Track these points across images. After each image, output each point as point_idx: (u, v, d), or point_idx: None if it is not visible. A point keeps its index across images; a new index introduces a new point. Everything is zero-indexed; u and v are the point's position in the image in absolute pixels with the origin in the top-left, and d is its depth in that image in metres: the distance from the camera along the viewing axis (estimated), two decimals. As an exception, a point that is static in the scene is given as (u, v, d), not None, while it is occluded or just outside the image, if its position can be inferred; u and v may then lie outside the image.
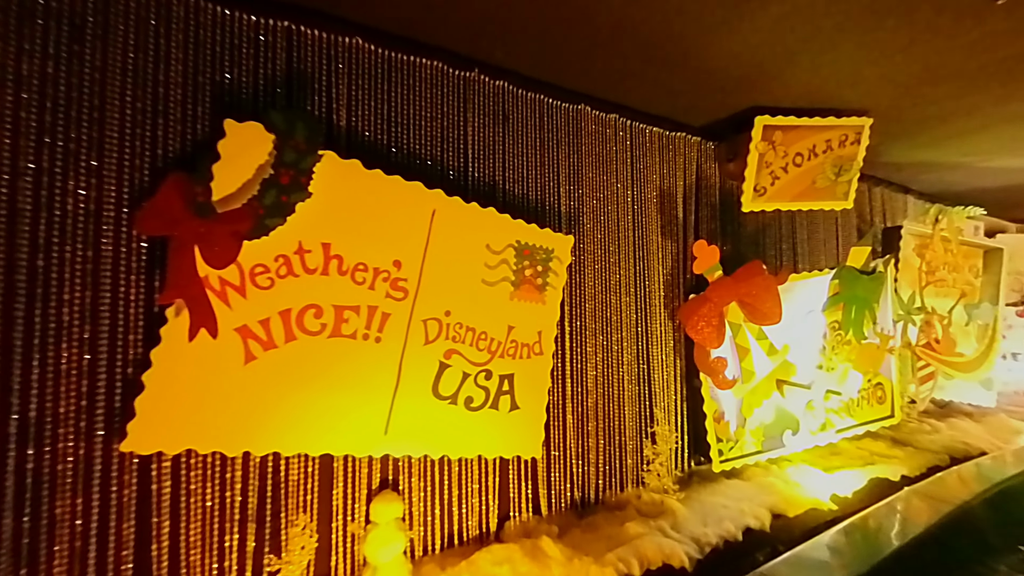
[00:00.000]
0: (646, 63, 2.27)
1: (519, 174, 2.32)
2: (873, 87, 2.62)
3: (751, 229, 3.35)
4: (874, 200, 4.35)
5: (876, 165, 4.01)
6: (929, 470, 3.05)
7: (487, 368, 2.12)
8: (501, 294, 2.16)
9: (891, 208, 4.54)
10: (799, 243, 3.61)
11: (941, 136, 3.38)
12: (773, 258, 3.44)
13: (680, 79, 2.44)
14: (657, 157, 2.85)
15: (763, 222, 3.41)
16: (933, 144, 3.53)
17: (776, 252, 3.47)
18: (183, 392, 1.55)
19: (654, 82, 2.47)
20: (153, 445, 1.50)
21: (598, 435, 2.49)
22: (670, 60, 2.25)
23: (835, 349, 3.00)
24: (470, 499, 2.11)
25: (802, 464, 2.95)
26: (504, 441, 2.15)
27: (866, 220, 4.27)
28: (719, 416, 2.90)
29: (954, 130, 3.19)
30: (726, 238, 3.20)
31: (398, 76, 2.00)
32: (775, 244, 3.48)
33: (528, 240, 2.23)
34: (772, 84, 2.54)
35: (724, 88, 2.59)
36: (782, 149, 2.81)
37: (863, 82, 2.56)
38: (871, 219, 4.30)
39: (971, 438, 3.52)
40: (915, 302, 3.84)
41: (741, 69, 2.38)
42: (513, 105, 2.31)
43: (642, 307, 2.74)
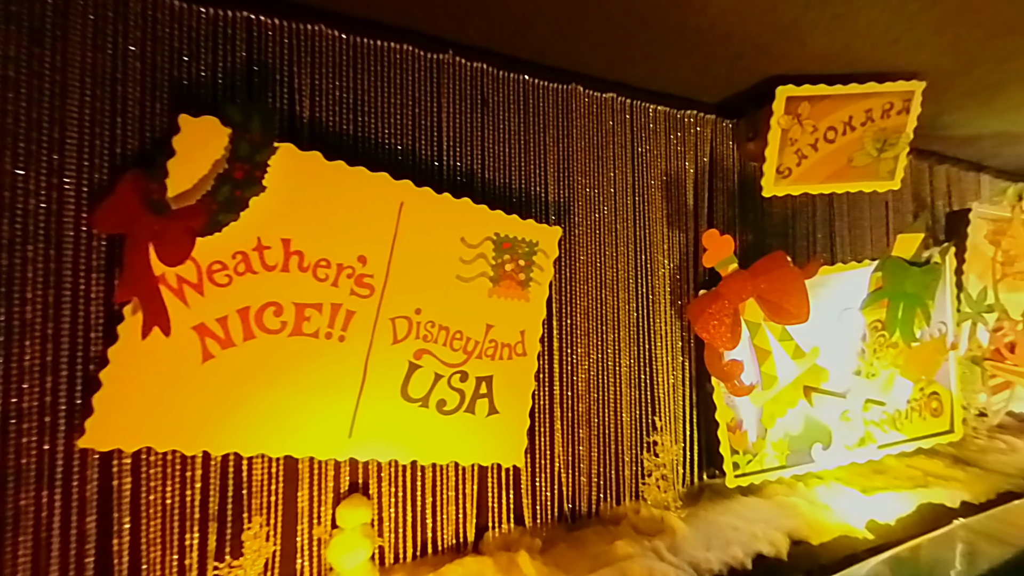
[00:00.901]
0: (645, 31, 2.03)
1: (501, 162, 2.16)
2: (926, 42, 2.21)
3: (778, 217, 2.99)
4: (937, 180, 3.77)
5: (938, 139, 3.46)
6: (999, 496, 2.59)
7: (462, 370, 1.99)
8: (478, 291, 2.03)
9: (960, 189, 3.92)
10: (838, 232, 3.19)
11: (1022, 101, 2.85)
12: (805, 249, 3.06)
13: (687, 48, 2.17)
14: (663, 138, 2.59)
15: (793, 208, 3.04)
16: (1012, 110, 2.99)
17: (809, 242, 3.07)
18: (140, 390, 1.55)
19: (656, 54, 2.22)
20: (110, 442, 1.52)
21: (591, 443, 2.30)
22: (673, 26, 1.99)
23: (877, 353, 2.60)
24: (446, 507, 2.00)
25: (835, 483, 2.59)
26: (481, 447, 2.02)
27: (925, 204, 3.72)
28: (735, 425, 2.61)
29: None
30: (747, 227, 2.87)
31: (365, 63, 1.91)
32: (808, 234, 3.09)
33: (508, 232, 2.08)
34: (796, 46, 2.20)
35: (740, 55, 2.28)
36: (810, 123, 2.46)
37: (912, 37, 2.17)
38: (932, 202, 3.74)
39: (1057, 460, 2.97)
40: (986, 298, 3.29)
41: (759, 29, 2.06)
42: (493, 88, 2.15)
43: (644, 304, 2.50)
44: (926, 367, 2.67)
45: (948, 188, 3.87)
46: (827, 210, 3.19)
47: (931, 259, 2.63)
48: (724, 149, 2.79)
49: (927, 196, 3.71)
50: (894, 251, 2.56)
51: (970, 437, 3.17)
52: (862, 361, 2.60)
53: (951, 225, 3.61)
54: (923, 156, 3.69)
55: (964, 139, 3.53)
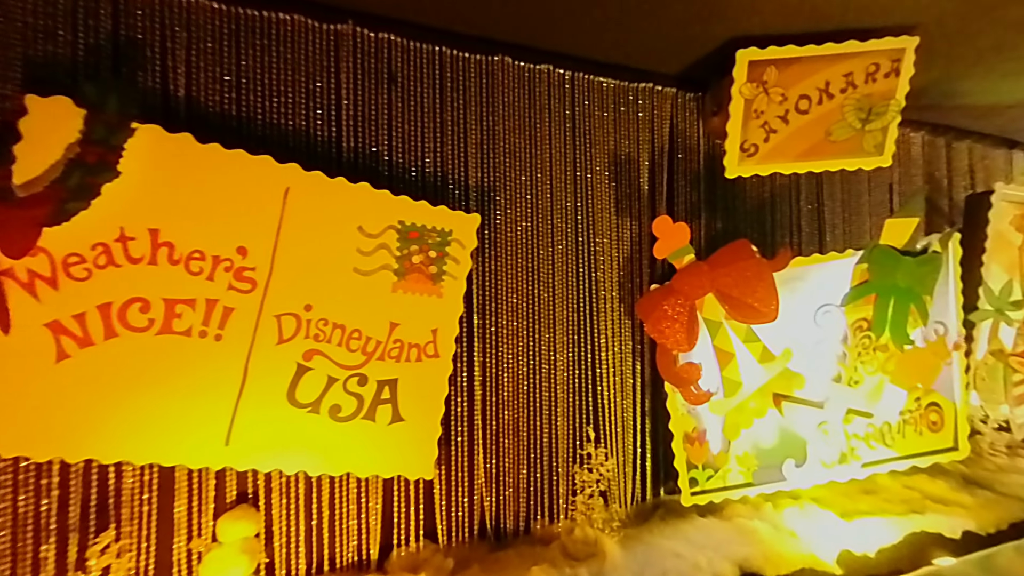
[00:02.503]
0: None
1: (412, 144, 1.96)
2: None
3: (753, 202, 2.65)
4: (956, 158, 3.30)
5: (954, 110, 3.01)
6: (1012, 527, 2.20)
7: (361, 372, 1.81)
8: (380, 285, 1.84)
9: (986, 169, 3.43)
10: (828, 219, 2.82)
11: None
12: (787, 241, 2.71)
13: (632, 9, 1.89)
14: (611, 114, 2.32)
15: (772, 192, 2.70)
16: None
17: (791, 232, 2.72)
18: (-16, 391, 1.45)
19: (598, 18, 1.95)
20: (-49, 447, 1.43)
21: (519, 455, 2.08)
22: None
23: (861, 356, 2.25)
24: (346, 521, 1.83)
25: (811, 505, 2.27)
26: (382, 458, 1.84)
27: (940, 187, 3.26)
28: (696, 436, 2.32)
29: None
30: (715, 214, 2.56)
31: (249, 36, 1.75)
32: (791, 222, 2.74)
33: (415, 220, 1.87)
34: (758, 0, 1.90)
35: (694, 14, 1.98)
36: (778, 92, 2.13)
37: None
38: (949, 184, 3.28)
39: (1094, 484, 2.52)
40: (1011, 293, 2.84)
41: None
42: (403, 61, 1.95)
43: (586, 301, 2.25)
44: (922, 373, 2.29)
45: (971, 168, 3.38)
46: (815, 193, 2.81)
47: (929, 248, 2.25)
48: (687, 126, 2.48)
49: (943, 177, 3.26)
50: (883, 238, 2.20)
51: (987, 454, 2.75)
52: (843, 366, 2.25)
53: (971, 210, 3.12)
54: (938, 131, 3.23)
55: (987, 109, 3.05)
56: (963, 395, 2.35)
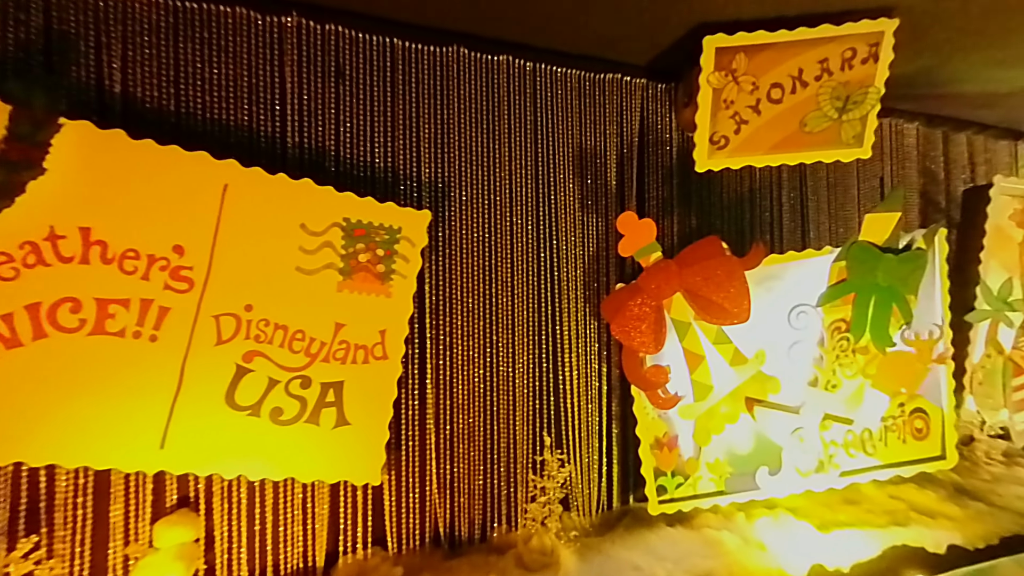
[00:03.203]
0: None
1: (361, 138, 1.89)
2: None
3: (731, 198, 2.54)
4: (954, 151, 3.14)
5: (949, 99, 2.85)
6: (1002, 542, 2.06)
7: (304, 374, 1.76)
8: (325, 285, 1.78)
9: (987, 160, 3.26)
10: (813, 215, 2.69)
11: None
12: (767, 237, 2.59)
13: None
14: (576, 107, 2.23)
15: (752, 186, 2.58)
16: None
17: (771, 228, 2.61)
18: (-92, 393, 1.43)
19: (562, 5, 1.85)
20: None
21: (472, 461, 2.00)
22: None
23: (839, 359, 2.12)
24: (291, 527, 1.79)
25: (786, 515, 2.15)
26: (326, 463, 1.78)
27: (936, 180, 3.10)
28: (664, 442, 2.23)
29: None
30: (689, 211, 2.46)
31: (188, 30, 1.70)
32: (772, 218, 2.62)
33: (361, 217, 1.81)
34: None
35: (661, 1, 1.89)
36: (749, 80, 2.02)
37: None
38: (946, 177, 3.12)
39: (1098, 496, 2.36)
40: (1011, 292, 2.68)
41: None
42: (351, 53, 1.88)
43: (548, 301, 2.16)
44: (906, 378, 2.15)
45: (971, 160, 3.22)
46: (798, 188, 2.70)
47: (912, 244, 2.12)
48: (658, 119, 2.38)
49: (939, 170, 3.10)
50: (862, 234, 2.07)
51: (983, 463, 2.60)
52: (819, 370, 2.13)
53: (969, 204, 2.97)
54: (934, 122, 3.07)
55: (986, 97, 2.89)
56: (950, 400, 2.21)
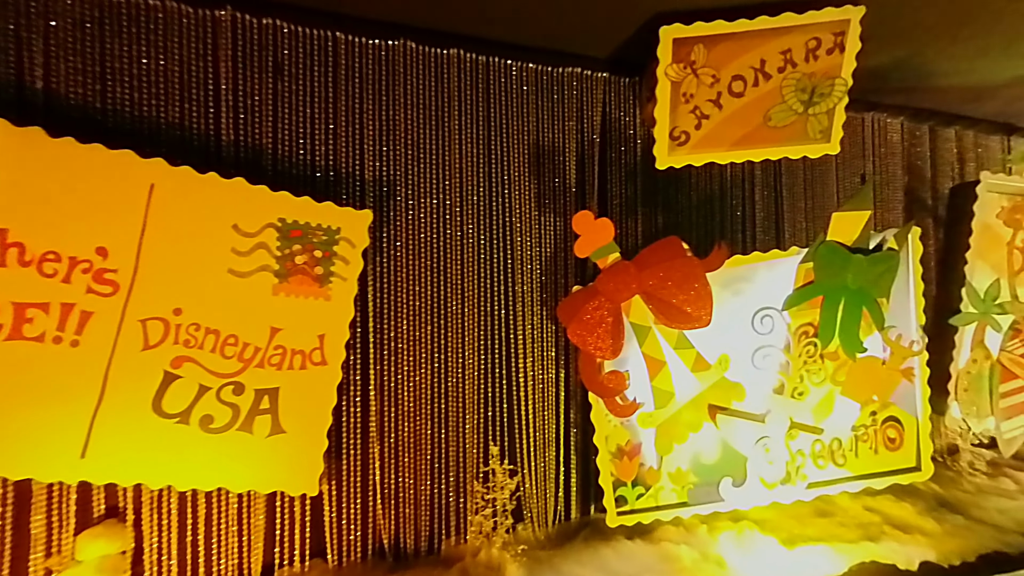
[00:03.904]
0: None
1: (300, 136, 1.83)
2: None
3: (700, 196, 2.44)
4: (942, 146, 3.01)
5: (934, 92, 2.72)
6: (980, 559, 1.95)
7: (237, 381, 1.69)
8: (260, 288, 1.72)
9: (978, 157, 3.11)
10: (787, 214, 2.58)
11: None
12: (740, 238, 2.48)
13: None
14: (533, 102, 2.14)
15: (722, 184, 2.47)
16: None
17: (743, 228, 2.50)
18: None
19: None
20: None
21: (419, 470, 1.93)
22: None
23: (807, 366, 2.02)
24: (227, 538, 1.73)
25: (752, 528, 2.05)
26: (260, 472, 1.71)
27: (923, 177, 2.97)
28: (627, 451, 2.14)
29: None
30: (655, 210, 2.36)
31: (115, 24, 1.64)
32: (744, 216, 2.51)
33: (298, 218, 1.75)
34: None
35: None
36: (708, 73, 1.92)
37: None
38: (933, 174, 2.98)
39: (1087, 511, 2.23)
40: (998, 294, 2.55)
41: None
42: (291, 48, 1.82)
43: (502, 304, 2.08)
44: (878, 385, 2.04)
45: (960, 156, 3.08)
46: (773, 186, 2.59)
47: (884, 244, 2.00)
48: (622, 114, 2.29)
49: (926, 166, 2.97)
50: (829, 233, 1.97)
51: (966, 474, 2.48)
52: (785, 376, 2.03)
53: (955, 202, 2.86)
54: (920, 116, 2.94)
55: (975, 90, 2.76)
56: (925, 409, 2.10)
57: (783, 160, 2.39)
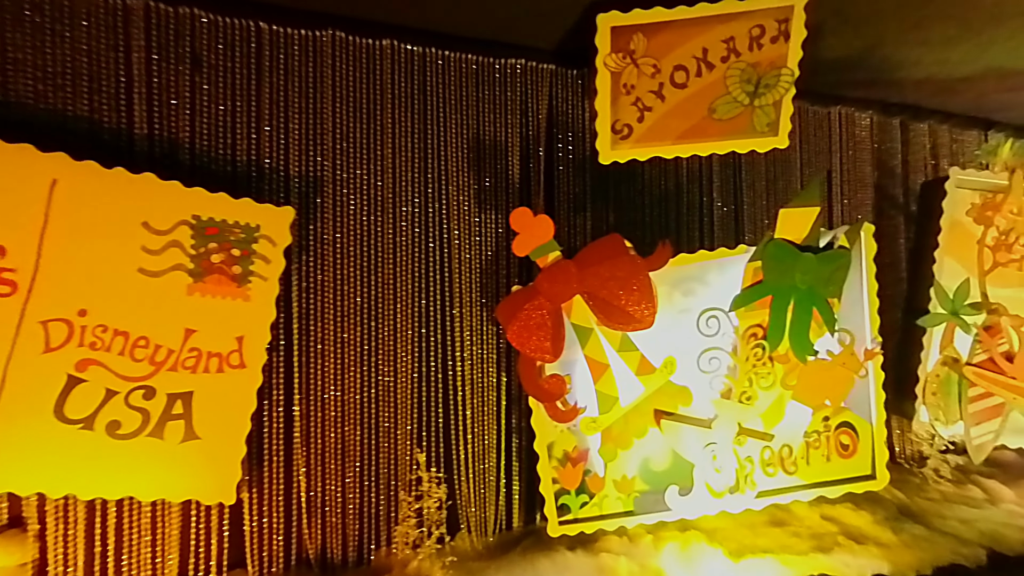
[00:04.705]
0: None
1: (219, 130, 1.75)
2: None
3: (654, 192, 2.35)
4: (914, 141, 2.90)
5: (901, 84, 2.62)
6: (936, 572, 1.85)
7: (147, 384, 1.62)
8: (173, 288, 1.65)
9: (953, 152, 3.00)
10: (747, 211, 2.49)
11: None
12: (697, 236, 2.39)
13: None
14: (473, 95, 2.07)
15: (678, 179, 2.38)
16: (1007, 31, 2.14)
17: (703, 226, 2.41)
18: None
19: None
20: None
21: (347, 478, 1.85)
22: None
23: (755, 369, 1.93)
24: (139, 548, 1.66)
25: (699, 539, 1.96)
26: (171, 480, 1.64)
27: (894, 173, 2.87)
28: (573, 457, 2.06)
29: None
30: (606, 207, 2.28)
31: (18, 12, 1.56)
32: (702, 213, 2.42)
33: (213, 215, 1.67)
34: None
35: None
36: (649, 63, 1.84)
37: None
38: (904, 169, 2.88)
39: (1055, 521, 2.13)
40: (968, 295, 2.45)
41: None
42: (209, 39, 1.74)
43: (438, 305, 2.00)
44: (830, 389, 1.95)
45: (934, 151, 2.97)
46: (732, 182, 2.50)
47: (834, 242, 1.91)
48: (570, 107, 2.21)
49: (897, 163, 2.87)
50: (777, 231, 1.88)
51: (932, 481, 2.38)
52: (732, 380, 1.95)
53: (926, 199, 2.75)
54: (891, 110, 2.84)
55: (945, 82, 2.65)
56: (880, 414, 2.01)
57: (743, 155, 2.33)
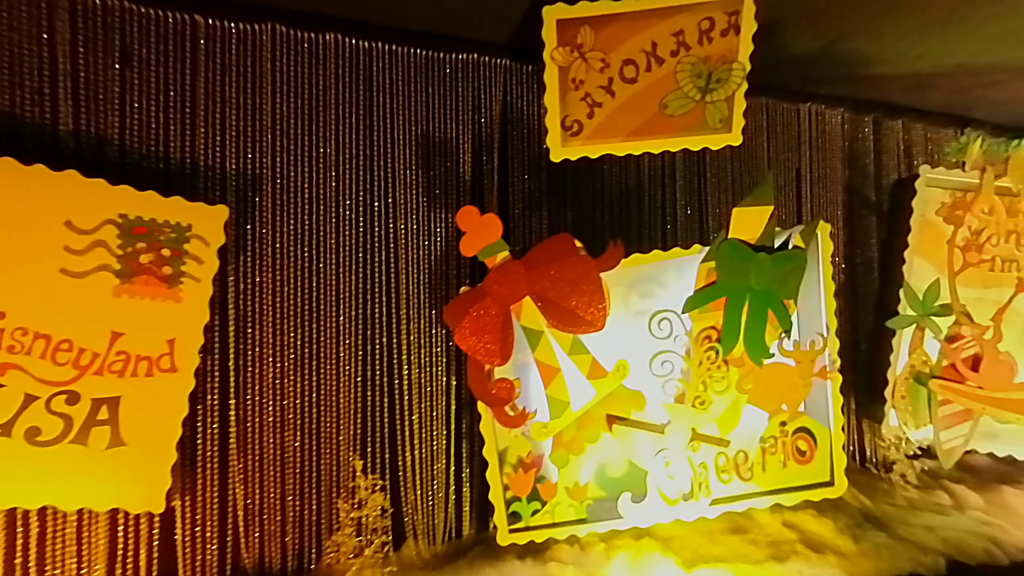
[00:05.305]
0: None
1: (151, 125, 1.69)
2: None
3: (614, 190, 2.30)
4: (888, 139, 2.84)
5: (870, 81, 2.56)
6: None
7: (71, 389, 1.56)
8: (98, 289, 1.59)
9: (929, 151, 2.93)
10: (711, 210, 2.43)
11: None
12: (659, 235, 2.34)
13: None
14: (423, 91, 2.01)
15: (640, 177, 2.33)
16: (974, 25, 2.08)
17: (666, 226, 2.35)
18: None
19: None
20: None
21: (286, 486, 1.80)
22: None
23: (710, 372, 1.88)
24: (62, 560, 1.59)
25: (653, 548, 1.90)
26: (95, 488, 1.58)
27: (866, 172, 2.81)
28: (528, 463, 2.00)
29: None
30: (563, 205, 2.22)
31: (-66, 3, 1.54)
32: (664, 212, 2.37)
33: (142, 214, 1.62)
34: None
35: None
36: (597, 57, 1.78)
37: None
38: (877, 168, 2.82)
39: (1022, 527, 2.07)
40: (938, 296, 2.40)
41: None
42: (140, 31, 1.68)
43: (384, 308, 1.95)
44: (787, 393, 1.89)
45: (908, 149, 2.91)
46: (697, 180, 2.44)
47: (790, 242, 1.86)
48: (525, 104, 2.15)
49: (869, 161, 2.81)
50: (731, 230, 1.82)
51: (899, 486, 2.32)
52: (685, 384, 1.89)
53: (897, 198, 2.70)
54: (862, 107, 2.78)
55: (916, 79, 2.59)
56: (838, 419, 1.95)
57: (706, 152, 2.27)
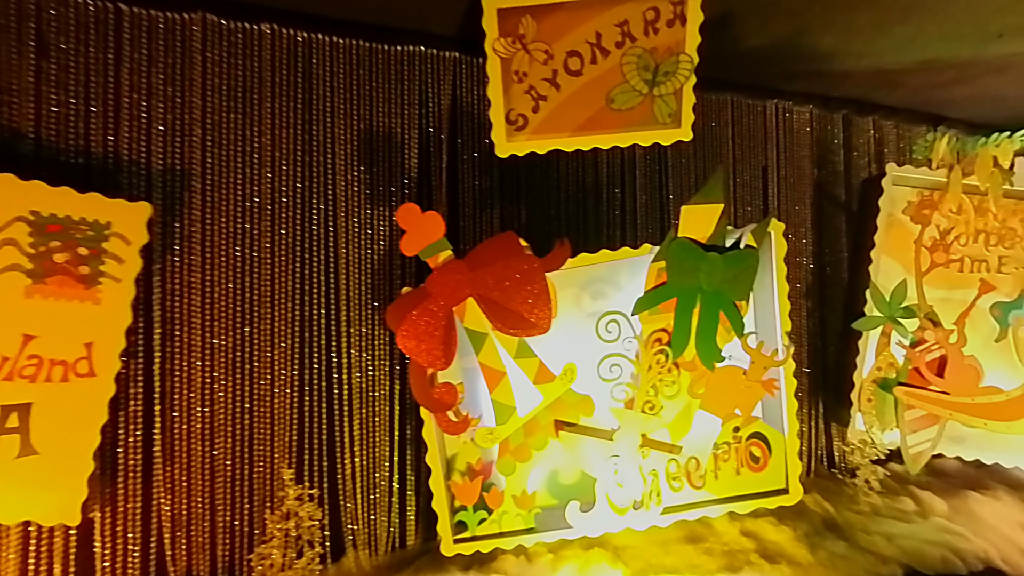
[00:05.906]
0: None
1: (69, 119, 1.60)
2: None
3: (569, 187, 2.23)
4: (858, 137, 2.78)
5: (838, 78, 2.50)
6: (848, 594, 1.74)
7: (-24, 396, 1.50)
8: (8, 290, 1.50)
9: (900, 149, 2.87)
10: (674, 208, 2.36)
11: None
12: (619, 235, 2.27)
13: None
14: (366, 84, 1.93)
15: (598, 174, 2.25)
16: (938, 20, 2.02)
17: (625, 224, 2.28)
18: None
19: None
20: None
21: (212, 494, 1.72)
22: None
23: (660, 376, 1.81)
24: (-27, 575, 1.53)
25: (601, 559, 1.84)
26: (4, 500, 1.50)
27: (835, 170, 2.75)
28: (472, 471, 1.93)
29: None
30: (516, 204, 2.15)
31: None
32: (623, 211, 2.30)
33: (55, 211, 1.53)
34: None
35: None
36: (540, 48, 1.71)
37: None
38: (847, 167, 2.76)
39: (983, 534, 2.01)
40: (905, 297, 2.33)
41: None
42: (58, 22, 1.60)
43: (323, 310, 1.87)
44: (740, 398, 1.83)
45: (879, 148, 2.85)
46: (657, 176, 2.37)
47: (742, 241, 1.79)
48: (475, 97, 2.08)
49: (839, 160, 2.75)
50: (680, 229, 1.75)
51: (862, 492, 2.26)
52: (633, 388, 1.82)
53: (865, 196, 2.64)
54: (831, 104, 2.72)
55: (884, 76, 2.53)
56: (792, 425, 1.88)
57: (670, 149, 2.22)
